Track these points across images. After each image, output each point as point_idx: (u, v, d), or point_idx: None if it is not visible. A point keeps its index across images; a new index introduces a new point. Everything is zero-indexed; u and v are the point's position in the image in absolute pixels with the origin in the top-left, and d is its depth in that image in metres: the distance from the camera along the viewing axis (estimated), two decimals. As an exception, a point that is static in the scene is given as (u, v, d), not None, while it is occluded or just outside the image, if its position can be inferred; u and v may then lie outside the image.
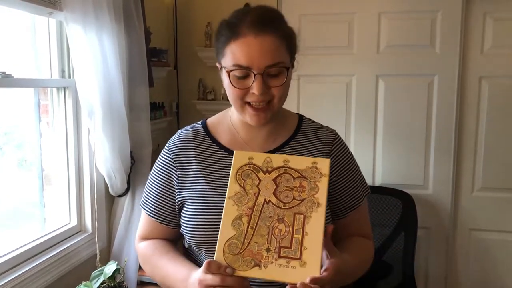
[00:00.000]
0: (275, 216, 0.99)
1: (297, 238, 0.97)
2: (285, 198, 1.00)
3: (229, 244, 0.98)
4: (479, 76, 2.55)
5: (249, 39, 1.05)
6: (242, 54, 1.06)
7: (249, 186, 1.02)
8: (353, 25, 2.65)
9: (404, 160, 2.64)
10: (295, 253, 0.96)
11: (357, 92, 2.68)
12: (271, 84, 1.08)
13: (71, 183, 2.08)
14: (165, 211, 1.21)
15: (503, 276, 2.63)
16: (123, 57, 2.03)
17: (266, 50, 1.05)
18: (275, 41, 1.07)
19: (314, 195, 1.00)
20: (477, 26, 2.53)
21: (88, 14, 1.81)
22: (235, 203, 1.01)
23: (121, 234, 2.19)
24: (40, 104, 1.99)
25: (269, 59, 1.05)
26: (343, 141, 1.25)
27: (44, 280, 1.81)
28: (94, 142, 2.00)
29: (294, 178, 1.02)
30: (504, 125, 2.54)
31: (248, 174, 1.03)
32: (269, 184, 1.02)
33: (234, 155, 1.05)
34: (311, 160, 1.03)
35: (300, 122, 1.25)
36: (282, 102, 1.13)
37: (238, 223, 0.99)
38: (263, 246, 0.97)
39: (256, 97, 1.08)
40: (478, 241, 2.65)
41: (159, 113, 2.68)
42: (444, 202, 2.63)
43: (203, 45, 2.84)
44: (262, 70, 1.05)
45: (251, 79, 1.07)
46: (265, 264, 0.96)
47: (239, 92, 1.09)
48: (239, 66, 1.06)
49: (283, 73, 1.09)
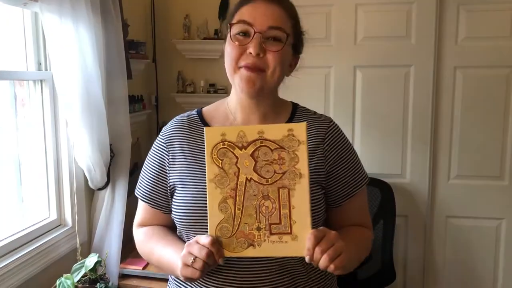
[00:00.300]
0: (259, 193, 0.98)
1: (285, 213, 0.97)
2: (266, 173, 0.98)
3: (220, 228, 0.98)
4: (454, 66, 2.60)
5: (259, 4, 1.12)
6: (248, 12, 1.11)
7: (227, 165, 0.99)
8: (330, 17, 2.67)
9: (381, 149, 2.69)
10: (286, 228, 0.97)
11: (335, 83, 2.70)
12: (269, 48, 1.09)
13: (50, 177, 2.06)
14: (157, 195, 1.21)
15: (478, 260, 2.70)
16: (100, 49, 2.02)
17: (271, 13, 1.11)
18: (282, 13, 1.12)
19: (295, 165, 0.98)
20: (451, 18, 2.58)
21: (64, 5, 1.79)
22: (217, 186, 0.99)
23: (101, 228, 2.18)
24: (16, 97, 1.96)
25: (272, 21, 1.10)
26: (339, 128, 1.24)
27: (24, 274, 1.80)
28: (73, 135, 1.99)
29: (272, 150, 0.98)
30: (478, 114, 2.60)
31: (224, 152, 0.99)
32: (247, 161, 0.99)
33: (205, 132, 1.01)
34: (286, 127, 0.99)
35: (294, 110, 1.26)
36: (276, 76, 1.12)
37: (224, 206, 0.99)
38: (253, 225, 0.98)
39: (252, 58, 1.09)
40: (454, 227, 2.71)
41: (138, 106, 2.67)
42: (421, 190, 2.68)
43: (181, 37, 2.83)
44: (263, 29, 1.09)
45: (249, 39, 1.09)
46: (258, 243, 0.97)
47: (236, 51, 1.10)
48: (242, 21, 1.10)
49: (282, 40, 1.11)
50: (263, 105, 1.19)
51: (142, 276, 2.22)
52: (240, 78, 1.11)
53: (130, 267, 2.24)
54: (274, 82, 1.14)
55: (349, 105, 2.69)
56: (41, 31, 1.97)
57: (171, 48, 2.88)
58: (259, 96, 1.15)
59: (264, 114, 1.20)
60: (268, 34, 1.09)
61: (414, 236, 2.73)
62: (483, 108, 2.60)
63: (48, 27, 1.79)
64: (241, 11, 1.13)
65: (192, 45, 2.82)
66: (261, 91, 1.12)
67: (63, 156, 2.08)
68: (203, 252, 0.96)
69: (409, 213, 2.71)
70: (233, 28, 1.11)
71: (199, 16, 2.81)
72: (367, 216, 1.28)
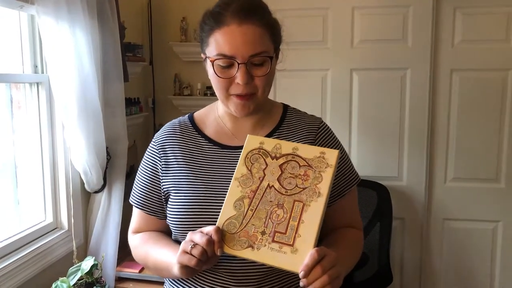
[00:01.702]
0: (275, 201, 1.00)
1: (292, 225, 0.98)
2: (288, 184, 1.01)
3: (228, 222, 1.00)
4: (450, 69, 2.61)
5: (233, 28, 1.05)
6: (226, 43, 1.06)
7: (255, 169, 1.04)
8: (327, 20, 2.68)
9: (378, 152, 2.69)
10: (289, 239, 0.97)
11: (332, 86, 2.71)
12: (255, 74, 1.08)
13: (46, 179, 2.05)
14: (151, 201, 1.21)
15: (475, 263, 2.71)
16: (97, 51, 2.01)
17: (250, 39, 1.06)
18: (259, 30, 1.07)
19: (316, 184, 1.00)
20: (448, 21, 2.59)
21: (61, 8, 1.78)
22: (240, 185, 1.03)
23: (98, 231, 2.17)
24: (12, 100, 1.96)
25: (252, 49, 1.06)
26: (329, 129, 1.25)
27: (20, 278, 1.79)
28: (69, 138, 1.98)
29: (300, 166, 1.03)
30: (475, 117, 2.61)
31: (257, 158, 1.05)
32: (275, 170, 1.03)
33: (246, 138, 1.07)
34: (319, 150, 1.03)
35: (285, 112, 1.25)
36: (266, 93, 1.13)
37: (239, 204, 1.01)
38: (259, 228, 0.99)
39: (241, 88, 1.08)
40: (451, 230, 2.71)
41: (135, 109, 2.66)
42: (418, 193, 2.69)
43: (178, 40, 2.84)
44: (246, 59, 1.06)
45: (235, 69, 1.07)
46: (258, 246, 0.98)
47: (223, 82, 1.09)
48: (223, 55, 1.06)
49: (267, 63, 1.09)
50: (254, 116, 1.20)
51: (138, 279, 2.21)
52: (234, 105, 1.11)
53: (127, 270, 2.23)
54: (265, 98, 1.15)
55: (346, 108, 2.70)
56: (37, 34, 1.96)
57: (168, 51, 2.88)
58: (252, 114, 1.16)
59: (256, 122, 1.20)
60: (252, 61, 1.07)
61: (411, 239, 2.74)
62: (479, 111, 2.60)
63: (45, 30, 1.78)
64: (216, 40, 1.07)
65: (189, 47, 2.82)
66: (254, 110, 1.14)
67: (59, 159, 2.07)
68: (204, 238, 0.96)
69: (405, 216, 2.71)
70: (214, 62, 1.08)
71: (196, 19, 2.76)
72: (357, 216, 1.28)
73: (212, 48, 1.09)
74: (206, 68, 1.15)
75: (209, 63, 1.10)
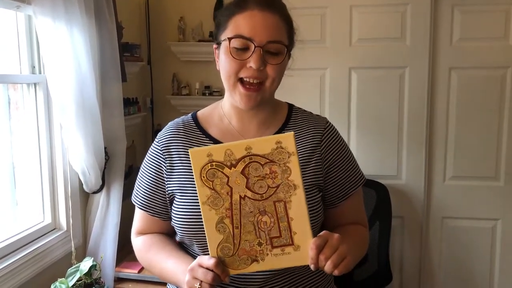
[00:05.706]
0: (255, 210, 0.96)
1: (284, 226, 0.96)
2: (259, 189, 0.96)
3: (221, 248, 0.98)
4: (449, 67, 2.60)
5: (255, 12, 1.07)
6: (246, 25, 1.07)
7: (218, 186, 0.96)
8: (325, 18, 2.67)
9: (377, 151, 2.69)
10: (287, 240, 0.96)
11: (330, 84, 2.70)
12: (269, 61, 1.08)
13: (44, 180, 2.05)
14: (155, 203, 1.20)
15: (474, 261, 2.70)
16: (94, 51, 2.01)
17: (270, 25, 1.07)
18: (279, 21, 1.09)
19: (287, 178, 0.95)
20: (446, 19, 2.58)
21: (58, 8, 1.78)
22: (212, 208, 0.97)
23: (96, 231, 2.17)
24: (10, 100, 1.95)
25: (271, 35, 1.07)
26: (335, 129, 1.24)
27: (19, 279, 1.78)
28: (67, 139, 1.98)
29: (262, 165, 0.95)
30: (473, 115, 2.61)
31: (213, 173, 0.96)
32: (238, 179, 0.96)
33: (190, 155, 0.97)
34: (274, 139, 0.95)
35: (290, 111, 1.24)
36: (274, 86, 1.12)
37: (222, 226, 0.97)
38: (254, 241, 0.97)
39: (252, 71, 1.07)
40: (450, 228, 2.71)
41: (133, 109, 2.66)
42: (417, 191, 2.68)
43: (176, 39, 2.83)
44: (263, 43, 1.06)
45: (249, 52, 1.06)
46: (261, 257, 0.97)
47: (235, 65, 1.08)
48: (241, 36, 1.06)
49: (281, 53, 1.09)
50: (261, 113, 1.18)
51: (137, 280, 2.21)
52: (240, 95, 1.10)
53: (126, 271, 2.23)
54: (272, 91, 1.15)
55: (345, 107, 2.69)
56: (34, 34, 1.95)
57: (166, 51, 2.88)
58: (258, 107, 1.14)
59: (262, 121, 1.19)
60: (267, 47, 1.07)
61: (410, 237, 2.73)
62: (478, 109, 2.60)
63: (42, 30, 1.78)
64: (236, 21, 1.08)
65: (187, 47, 2.82)
66: (260, 103, 1.12)
67: (57, 159, 2.06)
68: (209, 276, 0.95)
69: (405, 214, 2.71)
70: (231, 42, 1.07)
71: (194, 18, 2.81)
72: (363, 214, 1.29)
73: (229, 30, 1.09)
74: (217, 57, 1.15)
75: (223, 49, 1.10)
